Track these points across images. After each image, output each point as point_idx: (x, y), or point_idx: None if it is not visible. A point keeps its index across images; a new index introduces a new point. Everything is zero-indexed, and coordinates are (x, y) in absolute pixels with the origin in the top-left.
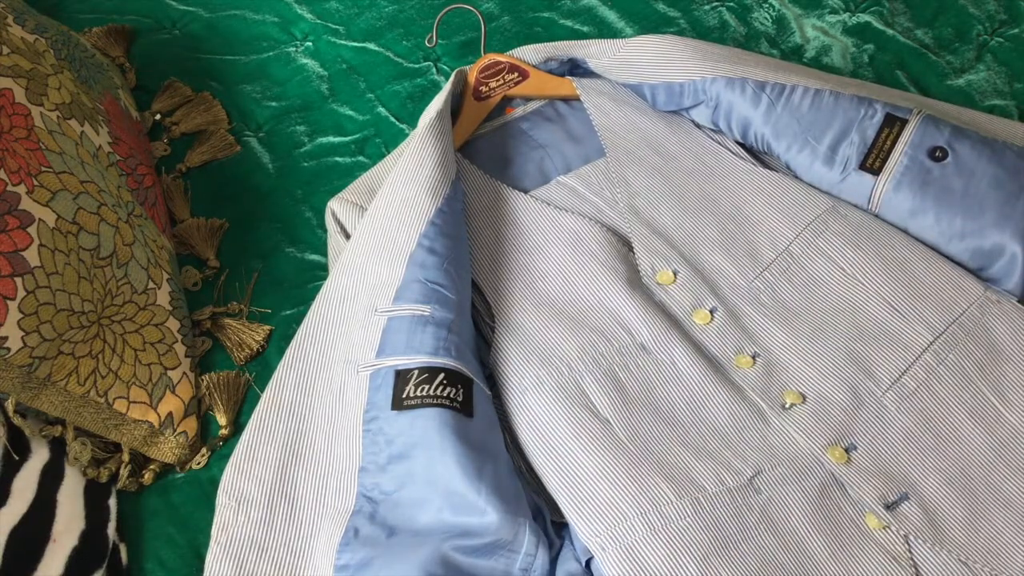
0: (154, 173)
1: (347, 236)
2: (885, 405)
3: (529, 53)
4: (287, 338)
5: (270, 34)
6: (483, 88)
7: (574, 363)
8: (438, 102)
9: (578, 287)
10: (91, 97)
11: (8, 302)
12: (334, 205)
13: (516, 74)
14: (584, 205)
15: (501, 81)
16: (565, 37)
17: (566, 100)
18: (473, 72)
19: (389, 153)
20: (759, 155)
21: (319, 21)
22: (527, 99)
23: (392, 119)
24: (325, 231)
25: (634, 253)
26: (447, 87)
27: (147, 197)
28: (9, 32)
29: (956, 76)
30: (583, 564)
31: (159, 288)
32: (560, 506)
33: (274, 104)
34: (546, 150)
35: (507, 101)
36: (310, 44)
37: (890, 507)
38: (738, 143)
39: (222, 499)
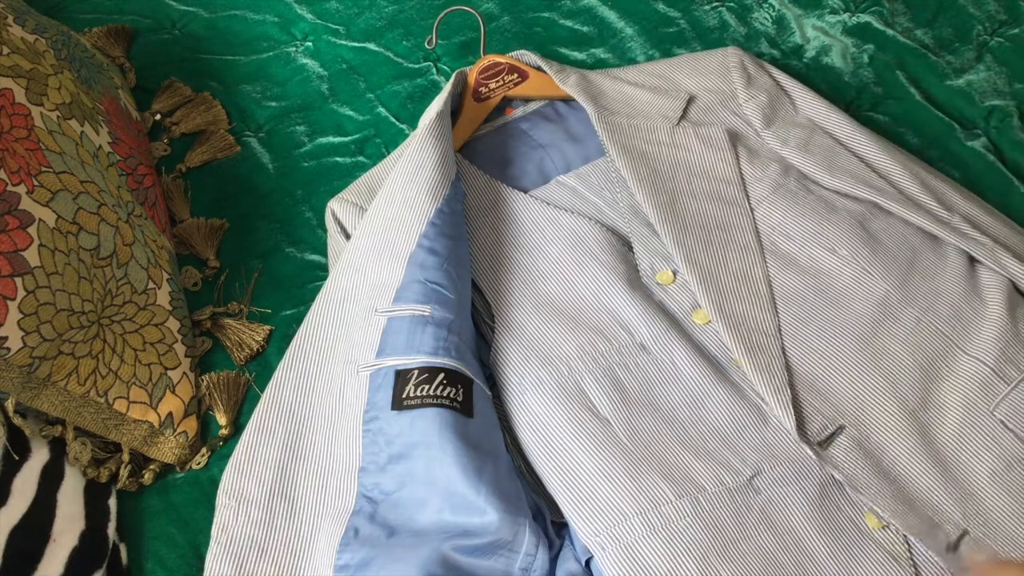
0: (154, 173)
1: (347, 236)
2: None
3: (529, 54)
4: (287, 338)
5: (270, 34)
6: (483, 89)
7: (574, 363)
8: (438, 103)
9: (578, 287)
10: (91, 97)
11: (8, 302)
12: (334, 205)
13: (516, 75)
14: (584, 205)
15: (501, 82)
16: (565, 37)
17: (566, 100)
18: (473, 73)
19: (389, 153)
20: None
21: (319, 21)
22: (527, 100)
23: (392, 119)
24: (325, 231)
25: (634, 253)
26: (447, 88)
27: (147, 197)
28: (9, 32)
29: (956, 76)
30: (583, 564)
31: (159, 288)
32: (560, 506)
33: (274, 104)
34: (546, 150)
35: (507, 102)
36: (310, 44)
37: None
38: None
39: (222, 499)
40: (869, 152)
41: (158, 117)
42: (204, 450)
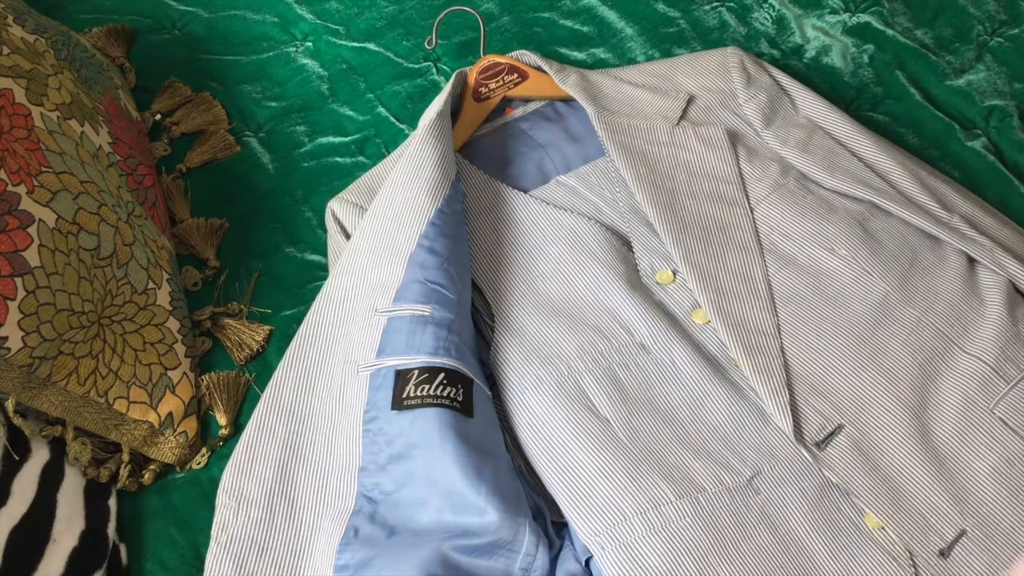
0: (154, 173)
1: (347, 236)
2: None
3: (529, 54)
4: (287, 338)
5: (270, 34)
6: (483, 89)
7: (573, 362)
8: (438, 103)
9: (578, 286)
10: (91, 97)
11: (8, 302)
12: (334, 205)
13: (516, 75)
14: (583, 204)
15: (501, 82)
16: (565, 37)
17: (566, 100)
18: (473, 73)
19: (389, 153)
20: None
21: (319, 21)
22: (527, 100)
23: (392, 119)
24: (325, 231)
25: (633, 252)
26: (447, 88)
27: (147, 197)
28: (9, 32)
29: (956, 76)
30: (583, 564)
31: (159, 288)
32: (560, 505)
33: (274, 104)
34: (546, 150)
35: (507, 102)
36: (310, 44)
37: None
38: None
39: (222, 499)
40: (869, 152)
41: (158, 117)
42: (204, 450)
